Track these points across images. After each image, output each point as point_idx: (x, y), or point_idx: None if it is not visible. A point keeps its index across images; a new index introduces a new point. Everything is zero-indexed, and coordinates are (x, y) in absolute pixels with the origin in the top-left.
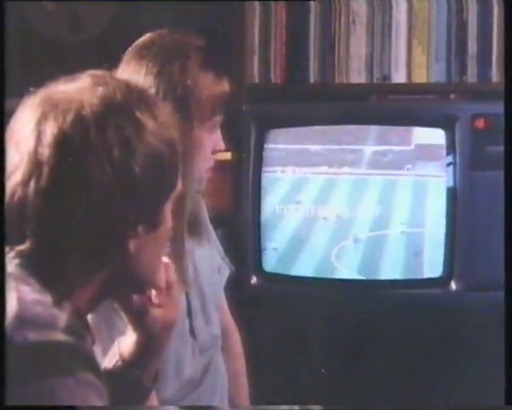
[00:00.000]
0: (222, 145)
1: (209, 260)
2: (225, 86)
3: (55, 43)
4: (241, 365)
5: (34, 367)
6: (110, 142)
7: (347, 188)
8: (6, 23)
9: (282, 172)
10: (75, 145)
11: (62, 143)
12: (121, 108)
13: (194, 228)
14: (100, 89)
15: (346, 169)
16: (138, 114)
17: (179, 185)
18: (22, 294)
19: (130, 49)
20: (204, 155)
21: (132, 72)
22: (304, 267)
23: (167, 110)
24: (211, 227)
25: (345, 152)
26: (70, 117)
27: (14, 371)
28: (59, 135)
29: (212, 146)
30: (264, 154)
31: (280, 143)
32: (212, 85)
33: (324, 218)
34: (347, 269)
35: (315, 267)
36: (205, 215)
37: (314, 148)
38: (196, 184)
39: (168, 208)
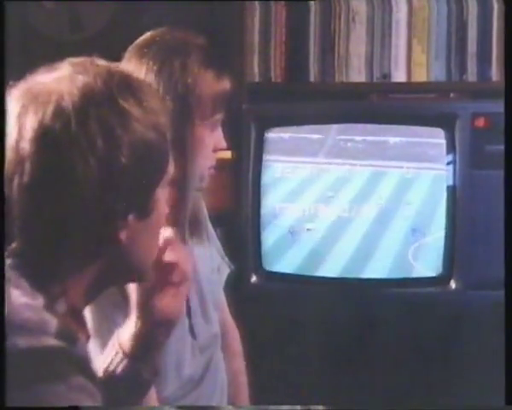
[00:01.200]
0: (223, 144)
1: (209, 259)
2: (226, 85)
3: (55, 42)
4: (240, 363)
5: (25, 373)
6: (93, 133)
7: (428, 183)
8: (6, 23)
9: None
10: (57, 138)
11: (43, 136)
12: (103, 97)
13: (195, 227)
14: (80, 77)
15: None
16: (121, 102)
17: (171, 169)
18: (12, 298)
19: (130, 47)
20: (205, 153)
21: (133, 70)
22: (380, 266)
23: (153, 93)
24: (211, 226)
25: (427, 146)
26: (50, 109)
27: (4, 377)
28: (39, 129)
29: (213, 144)
30: (264, 151)
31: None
32: (213, 83)
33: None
34: (425, 268)
35: (390, 267)
36: (205, 214)
37: (393, 140)
38: (198, 182)
39: (160, 194)
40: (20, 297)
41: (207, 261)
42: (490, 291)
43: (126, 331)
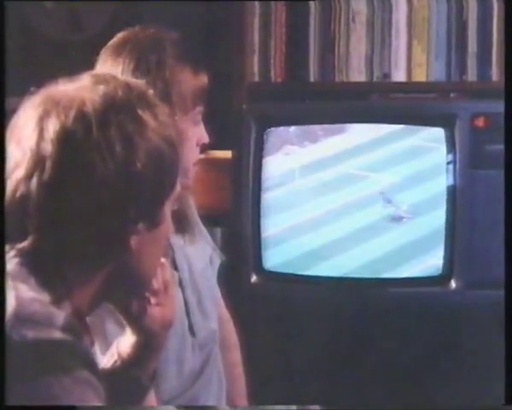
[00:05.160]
0: (206, 138)
1: (202, 255)
2: (204, 78)
3: (54, 43)
4: (236, 355)
5: (31, 365)
6: (112, 138)
7: None
8: (6, 23)
9: None
10: (77, 141)
11: (65, 139)
12: (123, 106)
13: (185, 225)
14: (101, 87)
15: None
16: (139, 112)
17: (178, 187)
18: (20, 292)
19: (104, 48)
20: (189, 146)
21: (109, 70)
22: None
23: (166, 110)
24: (200, 221)
25: None
26: (72, 114)
27: (11, 369)
28: (61, 131)
29: (196, 138)
30: (263, 152)
31: None
32: (191, 77)
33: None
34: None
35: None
36: (193, 211)
37: None
38: (183, 178)
39: (168, 208)
40: (28, 291)
41: (201, 258)
42: (490, 291)
43: (125, 340)
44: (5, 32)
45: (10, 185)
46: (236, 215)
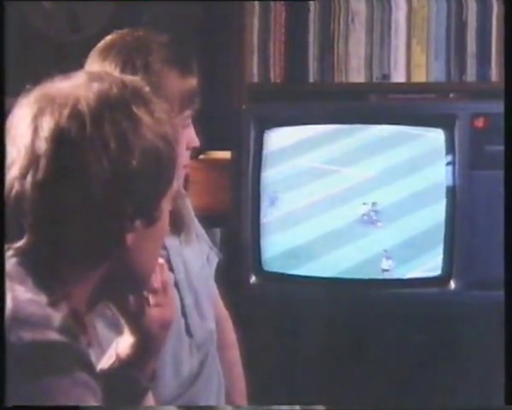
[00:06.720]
0: (196, 141)
1: (199, 255)
2: (192, 81)
3: (54, 43)
4: (235, 353)
5: (29, 367)
6: (107, 135)
7: None
8: (6, 23)
9: None
10: (72, 139)
11: (59, 136)
12: (117, 103)
13: (181, 225)
14: (95, 84)
15: None
16: (134, 109)
17: (176, 184)
18: (17, 293)
19: (91, 52)
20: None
21: None
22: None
23: (163, 107)
24: (196, 220)
25: None
26: (66, 111)
27: (8, 371)
28: (55, 129)
29: (185, 142)
30: (263, 153)
31: None
32: (178, 80)
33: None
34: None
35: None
36: (189, 211)
37: None
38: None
39: (166, 206)
40: (25, 293)
41: (198, 258)
42: (490, 291)
43: (124, 341)
44: (5, 32)
45: (6, 183)
46: (236, 216)
